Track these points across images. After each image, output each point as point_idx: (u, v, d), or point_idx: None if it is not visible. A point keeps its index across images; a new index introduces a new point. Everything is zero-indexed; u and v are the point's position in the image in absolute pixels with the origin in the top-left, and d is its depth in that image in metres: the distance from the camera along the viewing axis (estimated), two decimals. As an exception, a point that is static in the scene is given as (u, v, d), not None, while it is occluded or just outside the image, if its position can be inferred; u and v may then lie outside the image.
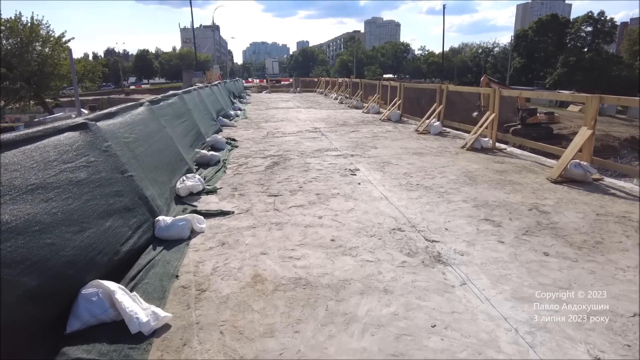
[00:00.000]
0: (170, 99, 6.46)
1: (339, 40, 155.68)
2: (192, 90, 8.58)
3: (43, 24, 29.79)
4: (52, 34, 30.09)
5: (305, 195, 4.38)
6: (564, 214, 3.74)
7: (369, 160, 6.07)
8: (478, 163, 5.80)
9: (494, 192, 4.37)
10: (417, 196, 4.27)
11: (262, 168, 5.66)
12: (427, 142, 7.56)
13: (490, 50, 79.28)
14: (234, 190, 4.65)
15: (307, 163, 5.90)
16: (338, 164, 5.85)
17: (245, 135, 8.63)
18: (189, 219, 3.48)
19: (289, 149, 7.06)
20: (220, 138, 7.21)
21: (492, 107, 6.87)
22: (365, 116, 12.20)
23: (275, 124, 10.60)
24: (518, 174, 5.15)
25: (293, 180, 5.00)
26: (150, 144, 4.35)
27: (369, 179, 4.96)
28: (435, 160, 5.98)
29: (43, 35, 29.77)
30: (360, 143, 7.55)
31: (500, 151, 6.67)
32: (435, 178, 4.98)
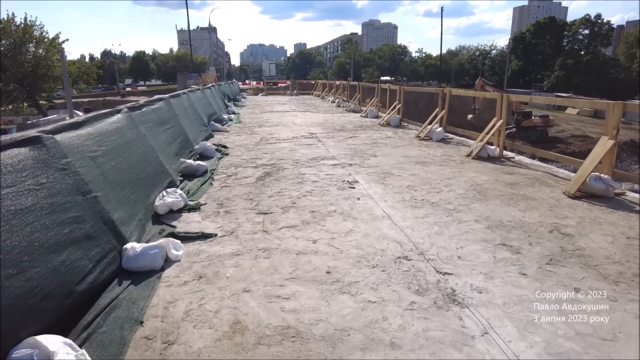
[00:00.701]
0: (155, 104, 6.00)
1: (336, 43, 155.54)
2: (181, 94, 8.13)
3: (36, 25, 29.45)
4: (46, 35, 29.74)
5: (298, 212, 3.94)
6: (590, 237, 3.31)
7: (368, 170, 5.63)
8: (486, 174, 5.37)
9: (508, 210, 3.94)
10: (424, 214, 3.83)
11: (253, 179, 5.21)
12: (430, 150, 7.13)
13: (487, 52, 79.21)
14: (219, 207, 4.20)
15: (302, 174, 5.46)
16: (335, 174, 5.41)
17: (237, 142, 8.18)
18: (163, 245, 3.02)
19: (283, 157, 6.62)
20: (209, 145, 6.75)
21: (499, 112, 6.45)
22: (364, 120, 11.77)
23: (270, 128, 10.16)
24: (531, 187, 4.72)
25: (286, 194, 4.55)
26: (125, 156, 3.89)
27: (369, 193, 4.52)
28: (440, 171, 5.54)
29: (37, 36, 29.40)
30: (358, 150, 7.12)
31: (508, 160, 6.25)
32: (441, 192, 4.55)
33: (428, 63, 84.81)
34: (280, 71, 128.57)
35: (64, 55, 21.27)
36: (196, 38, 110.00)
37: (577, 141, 37.57)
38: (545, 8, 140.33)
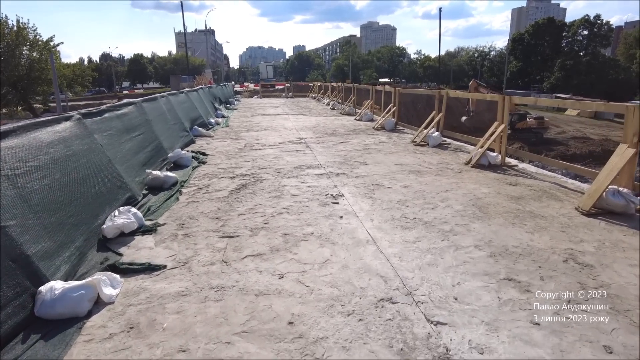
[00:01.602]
0: (122, 108, 5.45)
1: (335, 45, 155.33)
2: (159, 97, 7.57)
3: (29, 28, 29.10)
4: (40, 38, 29.39)
5: (269, 236, 3.37)
6: (614, 268, 2.74)
7: (356, 181, 5.07)
8: (487, 185, 4.81)
9: (513, 231, 3.38)
10: (415, 238, 3.27)
11: (226, 193, 4.65)
12: (426, 157, 6.57)
13: (486, 54, 78.81)
14: (179, 228, 3.64)
15: (282, 186, 4.90)
16: (319, 186, 4.85)
17: (219, 148, 7.62)
18: (93, 284, 2.46)
19: (265, 165, 6.06)
20: (185, 153, 6.19)
21: (500, 116, 5.90)
22: (357, 124, 11.22)
23: (257, 133, 9.60)
24: (538, 202, 4.16)
25: (259, 211, 3.99)
26: (68, 171, 3.34)
27: (355, 210, 3.96)
28: (436, 182, 4.98)
29: (30, 39, 29.04)
30: (348, 158, 6.56)
31: (511, 168, 5.69)
32: (437, 208, 3.99)
33: (427, 65, 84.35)
34: (279, 73, 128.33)
35: (53, 58, 20.83)
36: (194, 41, 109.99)
37: (578, 143, 36.99)
38: (544, 9, 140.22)
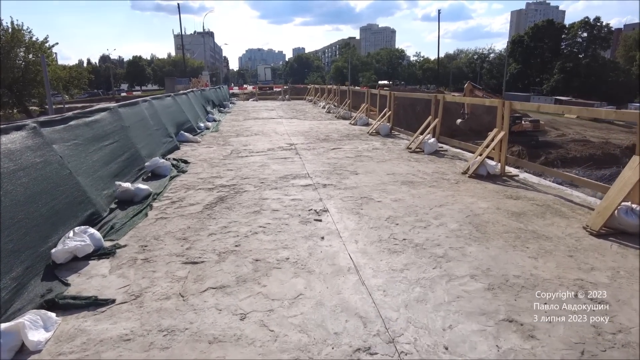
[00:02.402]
0: (93, 115, 5.07)
1: (334, 47, 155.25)
2: (140, 102, 7.19)
3: (24, 30, 28.94)
4: (36, 40, 29.22)
5: (238, 262, 2.98)
6: (632, 305, 2.36)
7: (344, 194, 4.68)
8: (486, 199, 4.43)
9: (514, 256, 2.99)
10: (403, 265, 2.88)
11: (200, 208, 4.26)
12: (420, 165, 6.19)
13: (486, 56, 78.59)
14: (140, 251, 3.25)
15: (263, 199, 4.51)
16: (303, 200, 4.46)
17: (203, 155, 7.23)
18: (17, 328, 2.08)
19: (249, 175, 5.67)
20: (163, 162, 5.80)
21: (499, 123, 5.52)
22: (352, 129, 10.84)
23: (247, 138, 9.22)
24: (542, 219, 3.78)
25: (232, 230, 3.60)
26: (10, 189, 2.95)
27: (338, 229, 3.57)
28: (430, 195, 4.59)
29: (25, 40, 28.87)
30: (338, 166, 6.17)
31: (511, 179, 5.31)
32: (429, 227, 3.60)
33: (426, 67, 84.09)
34: (278, 76, 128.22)
35: (44, 59, 20.57)
36: (193, 43, 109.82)
37: (578, 146, 36.70)
38: (543, 11, 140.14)
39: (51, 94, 41.48)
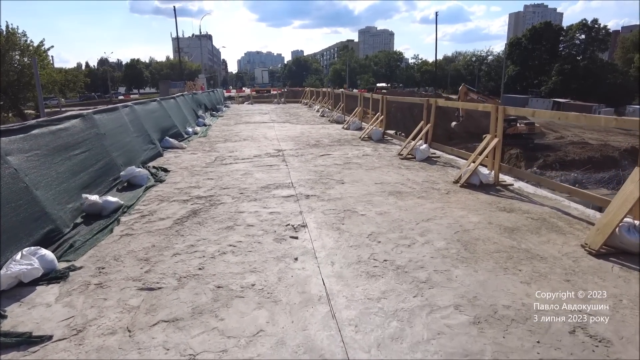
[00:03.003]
0: (61, 122, 4.77)
1: (332, 50, 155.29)
2: (120, 107, 6.89)
3: (19, 33, 28.86)
4: (31, 43, 29.14)
5: (198, 289, 2.69)
6: (636, 343, 2.06)
7: (327, 206, 4.38)
8: (477, 212, 4.14)
9: (505, 281, 2.70)
10: (381, 293, 2.58)
11: (169, 223, 3.96)
12: (411, 173, 5.90)
13: (484, 58, 78.52)
14: (96, 273, 2.95)
15: (239, 212, 4.21)
16: (282, 213, 4.16)
17: (185, 162, 6.94)
18: None
19: (229, 184, 5.38)
20: (139, 171, 5.50)
21: (493, 128, 5.24)
22: (344, 133, 10.56)
23: (235, 144, 8.93)
24: (537, 235, 3.48)
25: (199, 250, 3.30)
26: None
27: (315, 248, 3.28)
28: (418, 207, 4.30)
29: (21, 44, 28.77)
30: (325, 174, 5.88)
31: (505, 189, 5.02)
32: (414, 245, 3.30)
33: (424, 69, 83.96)
34: (276, 78, 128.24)
35: (36, 61, 20.36)
36: (191, 46, 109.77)
37: (576, 148, 36.49)
38: (541, 14, 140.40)
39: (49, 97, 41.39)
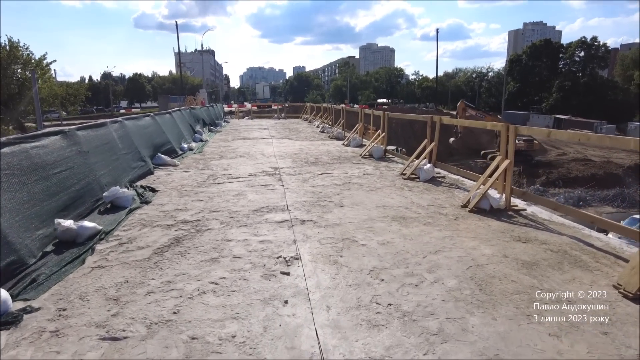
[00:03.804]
0: (38, 140, 4.42)
1: (334, 66, 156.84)
2: (109, 123, 6.56)
3: (21, 47, 29.11)
4: (32, 57, 29.36)
5: (168, 340, 2.27)
6: None
7: (323, 233, 3.99)
8: (490, 242, 3.74)
9: (530, 333, 2.29)
10: (384, 350, 2.17)
11: (148, 253, 3.56)
12: (415, 195, 5.52)
13: (484, 74, 79.00)
14: (55, 317, 2.54)
15: (227, 241, 3.81)
16: (274, 242, 3.77)
17: (176, 181, 6.57)
18: None
19: (219, 207, 4.99)
20: (123, 192, 5.13)
21: (504, 149, 4.88)
22: (344, 150, 10.22)
23: (230, 161, 8.58)
24: (559, 272, 3.08)
25: (177, 288, 2.90)
26: None
27: (308, 288, 2.87)
28: (425, 235, 3.91)
29: (23, 56, 28.99)
30: (323, 196, 5.50)
31: (517, 214, 4.63)
32: (422, 285, 2.90)
33: (425, 85, 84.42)
34: (278, 94, 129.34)
35: (34, 75, 20.32)
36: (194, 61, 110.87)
37: (579, 165, 36.18)
38: (540, 32, 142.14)
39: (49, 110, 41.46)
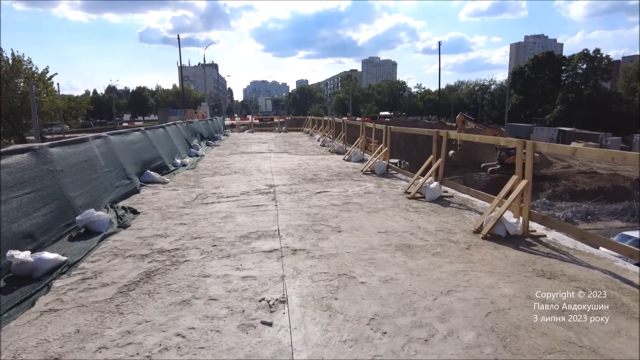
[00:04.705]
0: (2, 158, 3.97)
1: (336, 79, 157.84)
2: (91, 138, 6.12)
3: (24, 60, 29.40)
4: (35, 71, 29.64)
5: None
6: None
7: (317, 267, 3.47)
8: (509, 277, 3.21)
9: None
10: None
11: (112, 291, 3.05)
12: (421, 218, 5.00)
13: (487, 87, 78.90)
14: (-29, 389, 2.03)
15: (204, 277, 3.30)
16: (258, 279, 3.25)
17: (162, 201, 6.08)
18: None
19: (203, 232, 4.49)
20: (99, 215, 4.64)
21: (519, 168, 4.37)
22: (345, 165, 9.74)
23: (223, 178, 8.10)
24: (598, 320, 2.54)
25: (135, 341, 2.38)
26: None
27: (293, 344, 2.34)
28: (434, 270, 3.38)
29: (26, 70, 29.25)
30: (319, 218, 5.00)
31: (536, 241, 4.10)
32: (433, 340, 2.36)
33: (427, 98, 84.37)
34: (281, 107, 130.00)
35: (32, 88, 20.24)
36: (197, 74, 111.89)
37: (585, 178, 35.50)
38: (541, 44, 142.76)
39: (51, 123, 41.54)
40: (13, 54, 28.36)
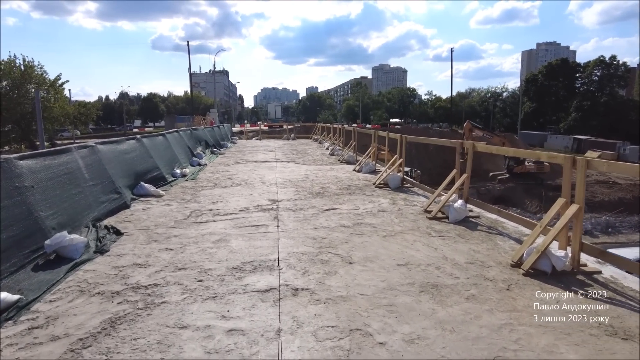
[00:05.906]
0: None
1: (346, 86, 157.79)
2: (74, 148, 5.54)
3: (36, 66, 29.58)
4: (47, 77, 29.82)
5: None
6: None
7: (322, 317, 2.77)
8: (571, 337, 2.47)
9: None
10: None
11: (62, 349, 2.38)
12: (447, 246, 4.27)
13: (499, 94, 77.63)
14: None
15: (180, 328, 2.62)
16: (247, 334, 2.56)
17: (152, 218, 5.45)
18: None
19: (189, 262, 3.82)
20: (72, 238, 4.00)
21: (566, 191, 3.63)
22: (356, 177, 9.04)
23: (223, 191, 7.46)
24: None
25: None
26: None
27: None
28: (471, 324, 2.65)
29: (37, 76, 29.41)
30: (327, 244, 4.30)
31: (590, 278, 3.35)
32: None
33: (438, 105, 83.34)
34: (291, 114, 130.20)
35: (38, 94, 20.08)
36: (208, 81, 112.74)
37: (604, 188, 34.11)
38: (554, 52, 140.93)
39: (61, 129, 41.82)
40: (25, 59, 28.51)
